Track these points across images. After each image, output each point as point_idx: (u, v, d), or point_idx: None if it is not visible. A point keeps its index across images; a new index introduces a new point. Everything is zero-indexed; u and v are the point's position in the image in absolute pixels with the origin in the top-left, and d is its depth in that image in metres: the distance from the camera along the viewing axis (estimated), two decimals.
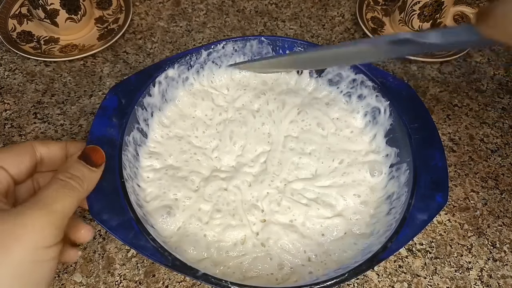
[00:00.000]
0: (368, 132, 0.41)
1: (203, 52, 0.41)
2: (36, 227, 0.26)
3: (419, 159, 0.34)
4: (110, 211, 0.30)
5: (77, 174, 0.29)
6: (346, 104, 0.42)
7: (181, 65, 0.40)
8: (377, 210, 0.36)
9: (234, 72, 0.44)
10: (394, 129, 0.38)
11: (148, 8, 0.61)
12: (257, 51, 0.42)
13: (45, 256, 0.27)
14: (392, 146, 0.38)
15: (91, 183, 0.30)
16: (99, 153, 0.31)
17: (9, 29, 0.56)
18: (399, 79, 0.40)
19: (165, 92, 0.40)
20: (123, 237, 0.30)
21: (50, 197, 0.27)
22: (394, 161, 0.37)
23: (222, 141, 0.40)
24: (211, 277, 0.28)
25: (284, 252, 0.34)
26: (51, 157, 0.33)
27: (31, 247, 0.26)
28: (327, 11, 0.63)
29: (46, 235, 0.26)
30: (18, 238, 0.25)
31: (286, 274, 0.33)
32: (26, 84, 0.52)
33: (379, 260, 0.30)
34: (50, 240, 0.27)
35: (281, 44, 0.42)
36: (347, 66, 0.40)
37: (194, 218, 0.35)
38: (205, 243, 0.34)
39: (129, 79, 0.38)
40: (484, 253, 0.42)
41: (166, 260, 0.29)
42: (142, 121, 0.38)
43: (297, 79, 0.44)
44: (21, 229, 0.25)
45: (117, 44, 0.57)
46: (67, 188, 0.28)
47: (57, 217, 0.27)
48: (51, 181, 0.29)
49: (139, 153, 0.38)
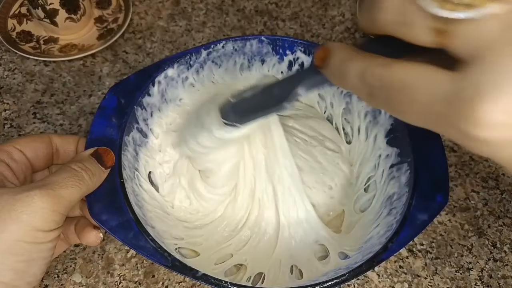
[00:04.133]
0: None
1: (202, 51, 0.41)
2: (38, 207, 0.26)
3: (419, 159, 0.34)
4: (110, 212, 0.30)
5: (90, 168, 0.30)
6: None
7: (181, 65, 0.40)
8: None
9: (235, 72, 0.44)
10: (395, 129, 0.38)
11: (148, 8, 0.61)
12: (256, 50, 0.42)
13: (43, 239, 0.27)
14: (393, 146, 0.38)
15: (99, 181, 0.31)
16: (111, 155, 0.32)
17: (9, 29, 0.56)
18: None
19: (164, 92, 0.40)
20: (123, 237, 0.30)
21: (59, 183, 0.28)
22: (395, 161, 0.37)
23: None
24: (211, 277, 0.28)
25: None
26: (65, 149, 0.34)
27: (29, 228, 0.26)
28: (327, 10, 0.63)
29: (47, 218, 0.26)
30: (17, 216, 0.25)
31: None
32: (26, 84, 0.52)
33: (380, 260, 0.30)
34: (50, 224, 0.27)
35: (281, 43, 0.42)
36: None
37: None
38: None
39: (128, 79, 0.38)
40: (485, 253, 0.42)
41: (166, 260, 0.29)
42: (141, 121, 0.38)
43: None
44: (22, 207, 0.26)
45: (117, 43, 0.56)
46: (78, 177, 0.29)
47: (61, 203, 0.27)
48: (63, 168, 0.29)
49: (139, 153, 0.38)
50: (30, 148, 0.32)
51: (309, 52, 0.41)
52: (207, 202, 0.39)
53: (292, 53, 0.42)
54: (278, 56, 0.42)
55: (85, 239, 0.32)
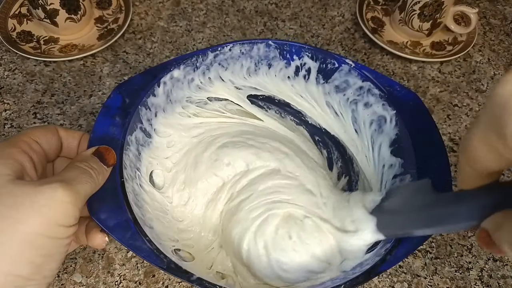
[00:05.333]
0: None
1: (209, 53, 0.40)
2: (60, 201, 0.26)
3: (424, 172, 0.33)
4: (109, 211, 0.30)
5: (95, 166, 0.30)
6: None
7: (187, 66, 0.40)
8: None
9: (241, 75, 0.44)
10: (400, 139, 0.37)
11: (148, 8, 0.61)
12: (264, 54, 0.42)
13: (63, 234, 0.27)
14: (397, 157, 0.37)
15: (103, 179, 0.31)
16: (112, 153, 0.32)
17: (9, 29, 0.56)
18: (407, 88, 0.39)
19: (170, 93, 0.40)
20: (120, 237, 0.29)
21: (74, 179, 0.28)
22: (398, 172, 0.36)
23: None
24: (205, 281, 0.28)
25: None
26: (69, 143, 0.34)
27: (50, 222, 0.26)
28: (327, 11, 0.63)
29: (69, 213, 0.26)
30: (40, 210, 0.25)
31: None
32: (26, 84, 0.52)
33: (378, 272, 0.29)
34: (71, 219, 0.27)
35: (288, 48, 0.41)
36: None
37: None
38: None
39: (134, 78, 0.38)
40: (484, 253, 0.42)
41: (162, 262, 0.29)
42: (145, 121, 0.38)
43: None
44: (44, 199, 0.25)
45: (117, 44, 0.56)
46: (87, 175, 0.29)
47: (79, 199, 0.27)
48: (71, 166, 0.29)
49: (141, 153, 0.38)
50: (45, 139, 0.31)
51: (316, 58, 0.41)
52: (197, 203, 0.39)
53: (299, 59, 0.41)
54: (285, 61, 0.42)
55: (91, 241, 0.32)
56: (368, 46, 0.58)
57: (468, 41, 0.58)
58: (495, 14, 0.64)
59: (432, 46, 0.58)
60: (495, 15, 0.64)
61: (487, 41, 0.60)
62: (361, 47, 0.58)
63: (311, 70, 0.41)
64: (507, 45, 0.60)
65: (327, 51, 0.40)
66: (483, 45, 0.60)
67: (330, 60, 0.40)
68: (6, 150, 0.28)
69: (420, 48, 0.58)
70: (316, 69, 0.41)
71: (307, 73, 0.42)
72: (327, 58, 0.40)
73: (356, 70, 0.39)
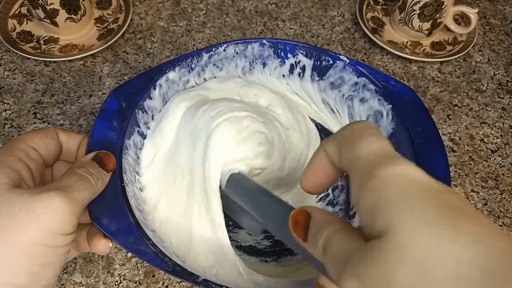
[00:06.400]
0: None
1: (204, 54, 0.40)
2: (57, 209, 0.26)
3: (421, 165, 0.34)
4: (110, 216, 0.30)
5: (94, 172, 0.29)
6: None
7: (182, 68, 0.40)
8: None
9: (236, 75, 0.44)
10: (396, 133, 0.37)
11: (148, 8, 0.61)
12: (258, 53, 0.42)
13: (61, 243, 0.26)
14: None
15: (103, 185, 0.31)
16: (111, 158, 0.32)
17: (9, 29, 0.56)
18: (402, 83, 0.39)
19: (165, 95, 0.40)
20: (123, 242, 0.29)
21: (71, 186, 0.27)
22: None
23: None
24: (211, 282, 0.28)
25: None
26: (69, 147, 0.33)
27: (48, 231, 0.25)
28: (327, 11, 0.63)
29: (66, 221, 0.26)
30: (36, 218, 0.25)
31: None
32: (26, 84, 0.52)
33: None
34: (68, 227, 0.26)
35: (283, 47, 0.41)
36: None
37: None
38: None
39: (129, 81, 0.38)
40: None
41: (166, 265, 0.29)
42: (142, 124, 0.38)
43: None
44: (41, 208, 0.25)
45: (117, 44, 0.56)
46: (86, 181, 0.28)
47: (77, 206, 0.27)
48: (69, 172, 0.29)
49: (140, 157, 0.38)
50: (43, 145, 0.31)
51: (310, 55, 0.41)
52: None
53: (293, 56, 0.41)
54: (280, 60, 0.42)
55: (94, 247, 0.31)
56: (368, 46, 0.58)
57: (468, 41, 0.58)
58: (495, 14, 0.64)
59: (432, 46, 0.58)
60: (495, 15, 0.64)
61: (487, 41, 0.60)
62: (361, 47, 0.58)
63: (306, 67, 0.41)
64: (507, 45, 0.60)
65: (321, 48, 0.40)
66: (483, 45, 0.60)
67: (324, 57, 0.40)
68: (3, 158, 0.28)
69: (420, 48, 0.58)
70: (311, 66, 0.41)
71: (302, 71, 0.42)
72: (322, 55, 0.40)
73: (350, 66, 0.39)
